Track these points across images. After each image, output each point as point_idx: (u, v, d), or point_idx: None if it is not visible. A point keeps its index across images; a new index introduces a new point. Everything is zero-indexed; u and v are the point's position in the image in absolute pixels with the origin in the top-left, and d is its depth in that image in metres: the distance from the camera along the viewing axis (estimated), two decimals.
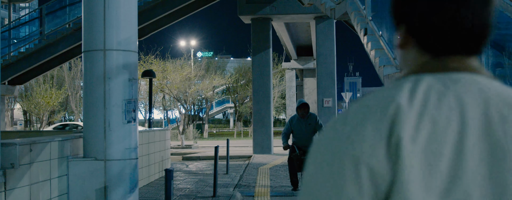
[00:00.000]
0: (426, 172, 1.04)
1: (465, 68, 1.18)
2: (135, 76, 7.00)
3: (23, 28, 22.02)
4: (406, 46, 1.26)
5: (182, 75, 32.70)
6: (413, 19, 1.22)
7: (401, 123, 1.07)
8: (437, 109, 1.09)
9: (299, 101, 10.52)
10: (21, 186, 5.87)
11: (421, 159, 1.05)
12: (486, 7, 1.19)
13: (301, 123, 10.47)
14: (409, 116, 1.07)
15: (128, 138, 6.85)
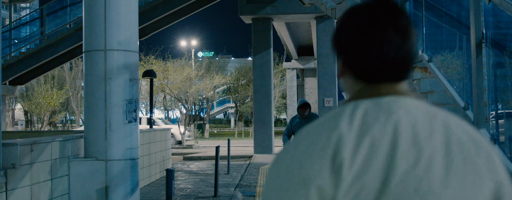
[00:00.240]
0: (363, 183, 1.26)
1: (395, 92, 1.41)
2: (136, 76, 7.00)
3: (24, 28, 22.03)
4: (344, 75, 1.49)
5: (183, 75, 32.70)
6: (347, 53, 1.45)
7: (343, 147, 1.28)
8: (373, 128, 1.31)
9: (300, 100, 10.12)
10: (22, 186, 5.87)
11: (358, 173, 1.26)
12: (407, 41, 1.40)
13: (302, 124, 10.23)
14: (349, 139, 1.29)
15: (129, 138, 6.85)
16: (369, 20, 1.41)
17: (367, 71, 1.42)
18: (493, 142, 4.36)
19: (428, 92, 5.92)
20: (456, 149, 1.35)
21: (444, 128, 1.38)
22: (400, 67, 1.41)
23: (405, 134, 1.32)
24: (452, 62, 6.13)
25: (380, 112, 1.35)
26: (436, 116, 1.40)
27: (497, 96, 4.84)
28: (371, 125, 1.32)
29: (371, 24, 1.40)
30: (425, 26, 6.31)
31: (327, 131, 1.33)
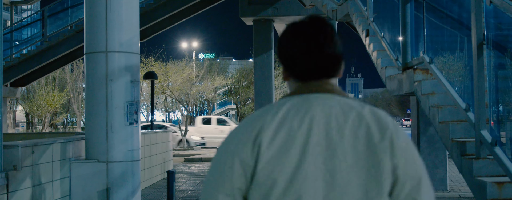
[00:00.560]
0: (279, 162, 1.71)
1: (321, 90, 1.83)
2: (137, 78, 7.00)
3: (25, 30, 22.05)
4: (287, 78, 1.93)
5: (184, 76, 32.69)
6: (285, 61, 1.89)
7: (263, 133, 1.75)
8: (292, 121, 1.75)
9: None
10: (23, 188, 5.87)
11: (274, 154, 1.71)
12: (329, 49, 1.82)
13: None
14: (269, 128, 1.75)
15: (130, 139, 6.85)
16: (298, 34, 1.85)
17: (300, 73, 1.86)
18: (495, 143, 4.36)
19: (429, 93, 5.92)
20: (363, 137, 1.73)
21: (357, 118, 1.76)
22: (325, 69, 1.85)
23: (318, 125, 1.74)
24: (453, 64, 6.13)
25: (301, 107, 1.78)
26: (351, 108, 1.78)
27: (498, 98, 4.84)
28: (290, 119, 1.76)
29: (299, 37, 1.84)
30: (426, 28, 6.31)
31: (256, 121, 1.79)
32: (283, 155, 1.71)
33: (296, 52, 1.84)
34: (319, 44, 1.81)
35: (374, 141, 1.73)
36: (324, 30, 1.84)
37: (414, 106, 11.77)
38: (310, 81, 1.85)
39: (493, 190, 4.37)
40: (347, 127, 1.74)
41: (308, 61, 1.82)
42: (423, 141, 11.36)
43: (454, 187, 11.63)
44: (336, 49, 1.84)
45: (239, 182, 1.77)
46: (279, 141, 1.72)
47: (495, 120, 4.74)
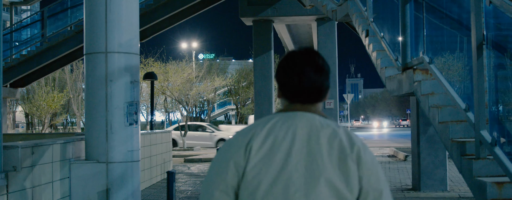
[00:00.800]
0: (265, 164, 2.07)
1: (305, 110, 2.20)
2: (136, 79, 7.00)
3: (25, 31, 22.03)
4: (280, 96, 2.28)
5: (183, 77, 32.69)
6: (279, 81, 2.24)
7: (253, 140, 2.12)
8: (279, 131, 2.13)
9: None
10: (23, 188, 5.87)
11: (262, 158, 2.08)
12: (321, 76, 2.22)
13: None
14: (258, 136, 2.12)
15: (130, 140, 6.85)
16: (292, 63, 2.21)
17: (290, 96, 2.22)
18: (495, 143, 4.36)
19: (429, 94, 5.92)
20: (336, 149, 2.10)
21: (332, 134, 2.13)
22: (312, 95, 2.21)
23: (300, 137, 2.11)
24: (453, 64, 6.13)
25: (286, 122, 2.16)
26: (328, 125, 2.16)
27: (498, 98, 4.84)
28: (277, 130, 2.13)
29: (293, 66, 2.20)
30: (426, 28, 6.31)
31: (249, 130, 2.17)
32: (269, 159, 2.09)
33: (289, 81, 2.20)
34: (308, 78, 2.19)
35: (346, 152, 2.10)
36: (315, 64, 2.23)
37: (414, 106, 11.77)
38: (296, 103, 2.23)
39: (493, 190, 4.37)
40: (324, 139, 2.11)
41: (297, 89, 2.20)
42: (423, 141, 11.36)
43: (454, 187, 11.63)
44: (323, 82, 2.23)
45: (233, 181, 2.12)
46: (266, 147, 2.11)
47: (495, 120, 4.73)
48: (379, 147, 26.96)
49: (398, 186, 12.01)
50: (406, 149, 22.69)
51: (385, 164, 17.60)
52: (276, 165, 2.07)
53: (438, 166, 11.28)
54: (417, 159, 11.43)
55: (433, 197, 10.55)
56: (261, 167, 2.08)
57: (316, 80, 2.20)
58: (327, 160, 2.08)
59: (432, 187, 11.18)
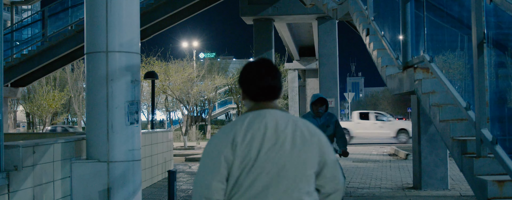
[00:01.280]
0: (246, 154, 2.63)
1: (268, 107, 2.79)
2: (137, 78, 7.00)
3: (25, 30, 22.04)
4: (245, 98, 2.86)
5: (184, 76, 32.68)
6: (243, 87, 2.84)
7: (237, 136, 2.66)
8: (254, 126, 2.69)
9: (314, 95, 7.90)
10: (24, 188, 5.87)
11: (244, 149, 2.64)
12: (274, 79, 2.79)
13: (316, 124, 7.66)
14: (240, 133, 2.67)
15: (131, 139, 6.85)
16: (253, 69, 2.83)
17: (253, 96, 2.82)
18: (495, 142, 4.36)
19: (430, 92, 5.92)
20: (299, 136, 2.73)
21: (293, 124, 2.76)
22: (270, 94, 2.80)
23: (270, 128, 2.70)
24: (453, 63, 6.13)
25: (257, 118, 2.74)
26: (289, 119, 2.78)
27: (498, 96, 4.84)
28: (252, 126, 2.71)
29: (253, 72, 2.81)
30: (427, 27, 6.31)
31: (231, 129, 2.73)
32: (249, 149, 2.67)
33: (251, 85, 2.81)
34: (266, 81, 2.79)
35: (307, 138, 2.75)
36: (270, 70, 2.82)
37: (415, 105, 11.77)
38: (260, 102, 2.82)
39: (493, 188, 4.38)
40: (288, 129, 2.74)
41: (259, 90, 2.80)
42: (423, 140, 11.35)
43: (455, 186, 11.62)
44: (277, 82, 2.83)
45: (224, 172, 2.68)
46: (247, 141, 2.68)
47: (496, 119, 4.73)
48: (380, 146, 26.95)
49: (399, 185, 12.01)
50: (407, 147, 22.69)
51: (386, 162, 17.59)
52: (253, 155, 2.67)
53: (439, 164, 11.28)
54: (418, 158, 11.43)
55: (434, 195, 10.54)
56: (243, 158, 2.67)
57: (271, 82, 2.80)
58: (291, 145, 2.71)
59: (433, 186, 11.17)
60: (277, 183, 2.69)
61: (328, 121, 7.86)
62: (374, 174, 14.34)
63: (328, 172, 2.80)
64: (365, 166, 16.53)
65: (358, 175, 14.04)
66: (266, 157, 2.68)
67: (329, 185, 2.83)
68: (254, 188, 2.68)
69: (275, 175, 2.67)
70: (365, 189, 11.50)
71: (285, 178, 2.68)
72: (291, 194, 2.70)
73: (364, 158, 19.18)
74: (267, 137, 2.69)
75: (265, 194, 2.68)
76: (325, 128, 7.76)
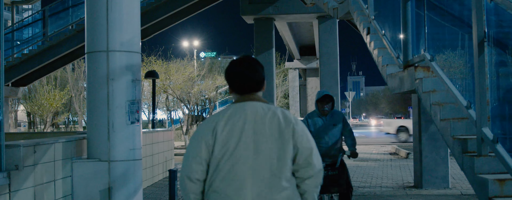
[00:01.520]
0: (226, 141, 3.04)
1: (250, 99, 3.14)
2: (138, 77, 7.00)
3: (26, 30, 22.04)
4: (231, 92, 3.23)
5: (185, 75, 32.68)
6: (228, 81, 3.24)
7: (218, 125, 3.08)
8: (234, 117, 3.08)
9: (319, 92, 7.32)
10: (25, 187, 5.88)
11: (224, 137, 3.04)
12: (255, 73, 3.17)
13: (323, 123, 7.31)
14: (221, 122, 3.07)
15: (131, 139, 6.86)
16: (235, 66, 3.22)
17: (237, 90, 3.20)
18: (496, 140, 4.36)
19: (431, 91, 5.92)
20: (276, 125, 3.08)
21: (272, 114, 3.11)
22: (252, 87, 3.18)
23: (250, 119, 3.07)
24: (454, 61, 6.12)
25: (239, 109, 3.11)
26: (269, 109, 3.13)
27: (499, 95, 4.84)
28: (233, 117, 3.09)
29: (236, 68, 3.21)
30: (427, 25, 6.30)
31: (213, 119, 3.13)
32: (228, 138, 3.07)
33: (235, 79, 3.21)
34: (247, 74, 3.19)
35: (282, 127, 3.10)
36: (251, 65, 3.22)
37: (416, 104, 11.77)
38: (244, 94, 3.21)
39: (494, 187, 4.37)
40: (266, 119, 3.11)
41: (241, 84, 3.19)
42: (424, 138, 11.35)
43: (456, 185, 11.63)
44: (259, 76, 3.21)
45: (205, 155, 3.10)
46: (227, 130, 3.08)
47: (497, 118, 4.73)
48: (380, 145, 26.95)
49: (400, 184, 12.02)
50: (408, 147, 22.68)
51: (386, 161, 17.59)
52: (233, 143, 3.06)
53: (440, 163, 11.28)
54: (419, 157, 11.43)
55: (435, 194, 10.55)
56: (223, 145, 3.07)
57: (254, 75, 3.19)
58: (268, 134, 3.08)
59: (434, 185, 11.18)
60: (255, 170, 3.03)
61: (335, 120, 7.33)
62: (375, 173, 14.34)
63: (301, 159, 3.10)
64: (366, 165, 16.53)
65: (359, 174, 14.04)
66: (245, 146, 3.04)
67: (302, 171, 3.12)
68: (233, 173, 3.02)
69: (253, 162, 3.03)
70: (366, 188, 11.51)
71: (262, 165, 3.03)
72: (269, 180, 3.02)
73: (364, 157, 19.19)
74: (246, 127, 3.07)
75: (243, 179, 3.01)
76: (331, 127, 7.29)
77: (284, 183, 3.03)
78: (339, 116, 7.39)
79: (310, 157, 3.09)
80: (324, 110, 7.23)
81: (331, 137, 7.25)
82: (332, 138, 7.25)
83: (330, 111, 7.29)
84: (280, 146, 3.06)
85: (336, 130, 7.27)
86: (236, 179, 3.00)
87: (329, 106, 7.25)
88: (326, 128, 7.26)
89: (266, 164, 3.02)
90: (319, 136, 7.21)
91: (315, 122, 7.31)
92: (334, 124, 7.29)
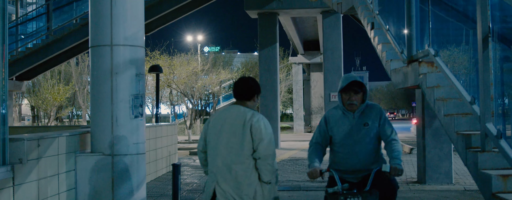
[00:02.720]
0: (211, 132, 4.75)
1: (240, 104, 4.76)
2: (142, 71, 7.01)
3: (30, 24, 22.05)
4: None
5: (189, 70, 32.70)
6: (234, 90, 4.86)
7: (210, 119, 4.85)
8: (221, 114, 4.78)
9: (345, 77, 5.04)
10: (29, 181, 5.90)
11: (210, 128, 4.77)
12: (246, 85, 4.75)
13: (348, 122, 5.00)
14: (213, 117, 4.83)
15: (135, 133, 6.87)
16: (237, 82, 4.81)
17: (235, 96, 4.76)
18: (500, 136, 4.35)
19: (435, 86, 5.91)
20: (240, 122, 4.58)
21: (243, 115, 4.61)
22: (242, 95, 4.72)
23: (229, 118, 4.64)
24: (458, 57, 6.11)
25: (226, 110, 4.72)
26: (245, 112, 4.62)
27: (503, 91, 4.83)
28: (221, 113, 4.77)
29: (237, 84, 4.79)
30: (432, 21, 6.29)
31: (212, 115, 4.84)
32: (213, 129, 4.70)
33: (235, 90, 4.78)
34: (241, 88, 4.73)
35: (246, 124, 4.53)
36: (246, 82, 4.76)
37: (419, 99, 11.75)
38: (237, 100, 4.76)
39: (498, 183, 4.37)
40: (238, 118, 4.59)
41: (237, 93, 4.75)
42: (428, 134, 11.34)
43: (459, 180, 11.62)
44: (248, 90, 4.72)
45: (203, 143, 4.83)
46: (213, 123, 4.72)
47: (501, 113, 4.72)
48: None
49: (403, 179, 12.01)
50: (411, 142, 22.66)
51: None
52: (215, 133, 4.69)
53: (443, 159, 11.27)
54: (423, 152, 11.42)
55: (438, 190, 10.54)
56: (210, 133, 4.73)
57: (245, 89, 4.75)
58: (235, 129, 4.58)
59: (437, 180, 11.17)
60: (219, 154, 4.63)
61: (368, 117, 4.94)
62: None
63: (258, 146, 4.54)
64: None
65: None
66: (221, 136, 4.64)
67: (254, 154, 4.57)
68: (211, 157, 4.72)
69: (219, 148, 4.63)
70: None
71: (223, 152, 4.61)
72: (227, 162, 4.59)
73: None
74: (225, 123, 4.66)
75: (215, 161, 4.66)
76: (362, 128, 4.91)
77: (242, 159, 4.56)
78: (375, 112, 4.98)
79: (260, 145, 4.53)
80: (352, 104, 4.90)
81: (361, 144, 4.91)
82: (362, 145, 4.91)
83: (360, 106, 4.95)
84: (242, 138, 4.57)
85: (368, 132, 4.91)
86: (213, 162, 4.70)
87: (359, 99, 4.91)
88: (354, 131, 4.93)
89: (225, 153, 4.61)
90: (343, 143, 4.97)
91: (337, 122, 5.01)
92: (366, 124, 4.92)
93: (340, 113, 5.02)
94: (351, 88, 4.88)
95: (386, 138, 4.92)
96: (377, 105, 5.09)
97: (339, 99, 5.02)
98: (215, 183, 4.58)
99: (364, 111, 4.96)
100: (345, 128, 4.96)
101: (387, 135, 4.91)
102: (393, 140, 4.89)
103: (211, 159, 4.66)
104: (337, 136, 4.99)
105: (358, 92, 4.90)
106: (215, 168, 4.61)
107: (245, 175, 4.50)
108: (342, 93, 4.95)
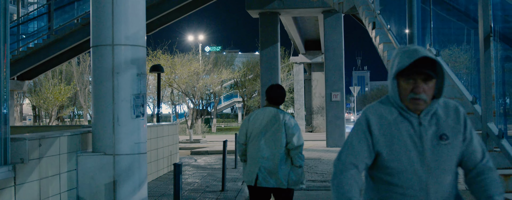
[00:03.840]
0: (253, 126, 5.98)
1: (273, 106, 6.02)
2: (143, 71, 7.01)
3: (31, 24, 22.06)
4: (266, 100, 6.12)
5: (190, 69, 32.70)
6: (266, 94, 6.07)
7: (250, 117, 6.07)
8: (259, 115, 6.00)
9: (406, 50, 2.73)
10: (30, 180, 5.90)
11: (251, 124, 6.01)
12: (280, 91, 6.04)
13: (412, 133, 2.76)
14: (252, 116, 6.07)
15: (136, 132, 6.87)
16: (272, 89, 6.03)
17: (269, 100, 6.04)
18: (501, 136, 4.35)
19: None
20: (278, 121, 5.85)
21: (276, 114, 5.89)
22: (278, 100, 6.02)
23: (266, 116, 5.92)
24: (460, 56, 6.11)
25: (263, 110, 6.00)
26: (278, 112, 5.90)
27: (505, 90, 4.83)
28: (259, 113, 6.00)
29: (273, 91, 6.02)
30: (433, 20, 6.29)
31: (250, 114, 6.14)
32: (254, 124, 5.96)
33: (270, 95, 6.02)
34: (279, 94, 6.01)
35: (280, 122, 5.82)
36: (280, 89, 6.03)
37: None
38: (270, 104, 6.03)
39: None
40: (275, 118, 5.86)
41: (271, 98, 6.02)
42: None
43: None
44: (282, 96, 6.05)
45: (244, 134, 6.08)
46: (253, 121, 5.98)
47: (502, 113, 4.72)
48: None
49: None
50: None
51: None
52: (258, 126, 5.86)
53: None
54: None
55: None
56: (253, 128, 5.91)
57: (281, 94, 5.98)
58: (277, 127, 5.77)
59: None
60: (262, 145, 5.82)
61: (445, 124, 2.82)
62: None
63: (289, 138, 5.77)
64: None
65: None
66: (259, 132, 5.85)
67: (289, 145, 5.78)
68: (255, 148, 5.87)
69: (262, 141, 5.83)
70: None
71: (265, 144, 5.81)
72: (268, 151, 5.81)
73: None
74: (264, 120, 5.85)
75: (258, 151, 5.83)
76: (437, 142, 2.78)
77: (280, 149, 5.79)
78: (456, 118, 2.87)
79: (292, 138, 5.77)
80: (418, 99, 2.74)
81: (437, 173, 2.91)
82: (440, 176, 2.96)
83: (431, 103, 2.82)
84: (280, 132, 5.78)
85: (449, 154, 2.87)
86: (253, 148, 5.91)
87: (430, 90, 2.78)
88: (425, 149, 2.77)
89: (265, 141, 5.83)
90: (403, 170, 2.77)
91: (390, 130, 2.78)
92: (444, 137, 2.80)
93: (395, 114, 2.81)
94: (419, 71, 2.71)
95: (475, 164, 2.97)
96: (458, 106, 2.93)
97: (394, 89, 2.79)
98: (257, 169, 5.84)
99: (437, 113, 2.84)
100: (402, 140, 2.76)
101: (477, 159, 2.93)
102: (487, 168, 2.94)
103: (254, 150, 5.89)
104: (392, 156, 2.77)
105: (430, 77, 2.75)
106: (258, 157, 5.86)
107: (281, 161, 5.81)
108: (401, 78, 2.76)
